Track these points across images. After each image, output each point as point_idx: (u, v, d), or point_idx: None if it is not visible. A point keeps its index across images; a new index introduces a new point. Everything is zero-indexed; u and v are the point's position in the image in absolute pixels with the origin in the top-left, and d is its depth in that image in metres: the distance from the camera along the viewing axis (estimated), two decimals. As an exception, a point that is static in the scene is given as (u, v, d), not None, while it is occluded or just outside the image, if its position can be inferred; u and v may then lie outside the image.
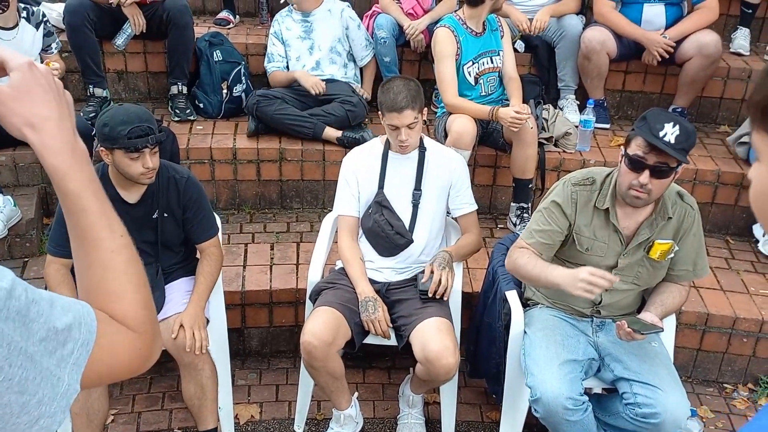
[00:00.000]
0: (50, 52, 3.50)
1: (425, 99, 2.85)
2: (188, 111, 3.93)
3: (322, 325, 2.54)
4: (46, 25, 3.50)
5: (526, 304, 2.72)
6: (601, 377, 2.56)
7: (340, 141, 3.71)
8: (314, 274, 2.82)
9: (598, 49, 3.89)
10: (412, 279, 2.77)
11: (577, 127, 3.87)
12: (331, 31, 3.91)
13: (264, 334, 3.31)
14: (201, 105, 3.97)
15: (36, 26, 3.44)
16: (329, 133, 3.73)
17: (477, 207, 2.88)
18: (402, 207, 2.79)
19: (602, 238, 2.48)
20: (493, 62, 3.58)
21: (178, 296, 2.67)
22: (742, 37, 4.38)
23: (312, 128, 3.73)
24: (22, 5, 3.45)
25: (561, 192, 2.49)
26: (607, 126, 4.14)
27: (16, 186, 3.55)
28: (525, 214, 3.57)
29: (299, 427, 2.92)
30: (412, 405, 2.89)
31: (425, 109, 2.72)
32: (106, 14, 3.80)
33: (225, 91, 3.95)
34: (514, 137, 3.44)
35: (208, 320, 2.65)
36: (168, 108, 3.98)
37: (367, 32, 4.00)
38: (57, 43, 3.60)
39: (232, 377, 2.97)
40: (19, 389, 0.77)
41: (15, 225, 3.28)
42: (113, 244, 0.94)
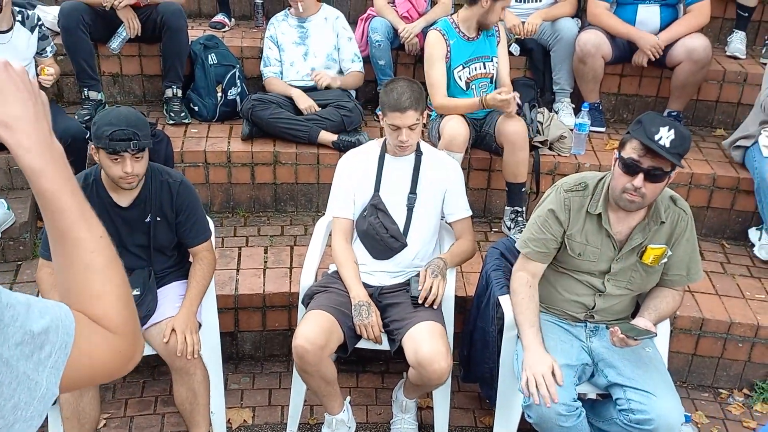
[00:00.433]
0: (45, 56, 3.49)
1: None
2: (183, 114, 3.93)
3: (314, 329, 2.53)
4: (40, 28, 3.49)
5: (519, 308, 2.71)
6: (595, 383, 2.55)
7: (336, 145, 3.70)
8: (307, 278, 2.81)
9: (593, 52, 3.89)
10: (405, 283, 2.76)
11: (572, 130, 3.86)
12: (326, 38, 3.92)
13: (257, 338, 3.30)
14: (196, 108, 3.97)
15: (31, 30, 3.43)
16: (324, 137, 3.73)
17: (472, 213, 2.88)
18: (397, 210, 2.78)
19: (595, 243, 2.47)
20: (485, 68, 3.56)
21: (171, 300, 2.66)
22: (738, 41, 4.38)
23: (307, 133, 3.73)
24: (17, 9, 3.44)
25: (554, 199, 2.49)
26: (603, 129, 4.13)
27: (11, 189, 3.55)
28: (519, 218, 3.56)
29: (292, 431, 2.91)
30: (406, 410, 2.88)
31: (425, 113, 2.72)
32: (100, 17, 3.79)
33: (220, 95, 3.94)
34: (505, 141, 3.43)
35: (200, 324, 2.65)
36: (163, 111, 3.97)
37: (358, 47, 3.99)
38: (52, 46, 3.59)
39: (224, 381, 2.96)
40: None
41: (8, 228, 3.27)
42: (93, 245, 0.93)
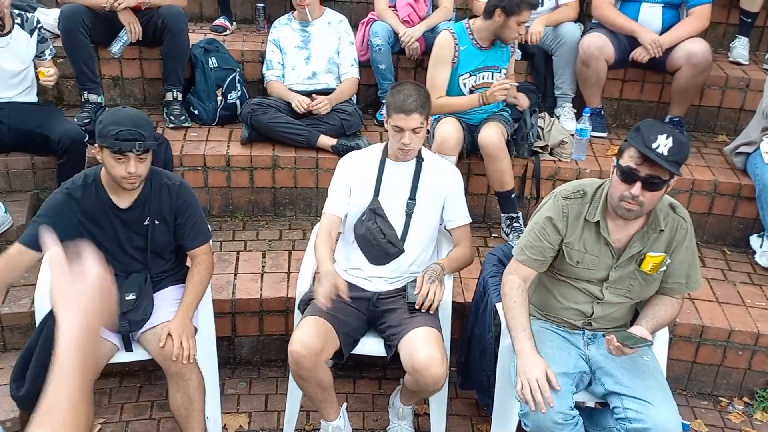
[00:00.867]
0: (44, 58, 3.49)
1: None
2: (183, 118, 3.92)
3: (310, 335, 2.52)
4: (40, 31, 3.49)
5: (517, 315, 2.69)
6: (592, 391, 2.53)
7: (335, 149, 3.70)
8: (303, 284, 2.80)
9: (596, 54, 3.88)
10: (402, 289, 2.74)
11: (573, 135, 3.84)
12: (328, 43, 3.91)
13: (254, 343, 3.29)
14: (196, 112, 3.97)
15: (30, 32, 3.43)
16: (324, 141, 3.72)
17: (471, 220, 2.87)
18: (395, 216, 2.77)
19: (593, 251, 2.45)
20: (493, 78, 3.53)
21: (167, 304, 2.65)
22: (741, 46, 4.36)
23: (306, 137, 3.72)
24: (16, 11, 3.44)
25: (552, 207, 2.47)
26: (605, 135, 4.12)
27: (9, 192, 3.55)
28: (516, 224, 3.55)
29: (287, 437, 2.90)
30: (402, 417, 2.86)
31: (429, 118, 2.71)
32: (101, 20, 3.79)
33: (220, 98, 3.94)
34: (484, 153, 3.41)
35: (196, 329, 2.64)
36: (163, 114, 3.97)
37: (358, 52, 3.98)
38: (51, 49, 3.59)
39: (221, 386, 2.95)
40: None
41: (6, 231, 3.27)
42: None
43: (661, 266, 2.44)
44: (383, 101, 4.08)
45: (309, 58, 3.91)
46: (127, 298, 2.58)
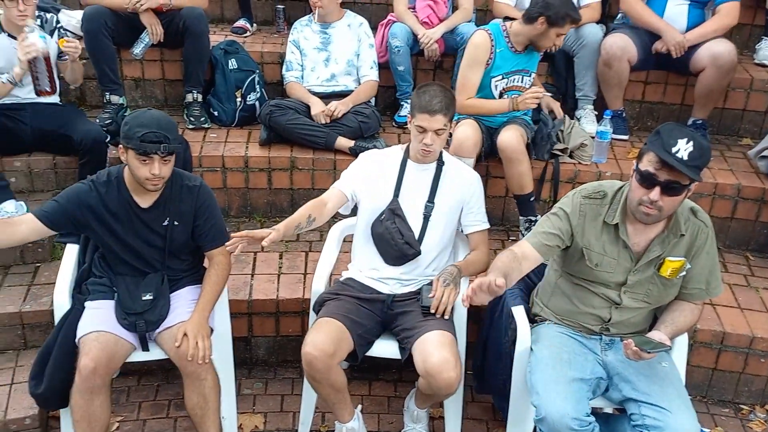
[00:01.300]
0: (64, 59, 3.52)
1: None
2: (203, 119, 3.95)
3: (323, 337, 2.52)
4: (59, 31, 3.53)
5: (533, 320, 2.67)
6: (609, 397, 2.50)
7: (353, 151, 3.69)
8: (318, 285, 2.81)
9: (619, 54, 3.83)
10: (417, 292, 2.74)
11: (593, 138, 3.80)
12: (348, 45, 3.91)
13: (271, 344, 3.30)
14: (215, 113, 3.99)
15: (50, 33, 3.47)
16: (342, 143, 3.73)
17: (489, 226, 2.86)
18: (413, 217, 2.77)
19: (612, 253, 2.42)
20: (523, 81, 3.50)
21: (183, 304, 2.67)
22: (767, 48, 4.28)
23: (324, 138, 3.73)
24: (36, 12, 3.48)
25: (569, 202, 2.46)
26: (626, 137, 4.07)
27: (31, 191, 3.60)
28: (534, 227, 3.51)
29: (302, 438, 2.90)
30: (417, 420, 2.85)
31: (453, 122, 2.70)
32: (123, 22, 3.83)
33: (239, 100, 3.96)
34: (502, 156, 3.38)
35: (212, 330, 2.65)
36: (183, 116, 4.00)
37: (377, 54, 3.97)
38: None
39: (237, 386, 2.96)
40: None
41: (28, 230, 3.31)
42: None
43: (680, 271, 2.41)
44: (402, 103, 4.09)
45: (328, 60, 3.92)
46: (144, 298, 2.60)
